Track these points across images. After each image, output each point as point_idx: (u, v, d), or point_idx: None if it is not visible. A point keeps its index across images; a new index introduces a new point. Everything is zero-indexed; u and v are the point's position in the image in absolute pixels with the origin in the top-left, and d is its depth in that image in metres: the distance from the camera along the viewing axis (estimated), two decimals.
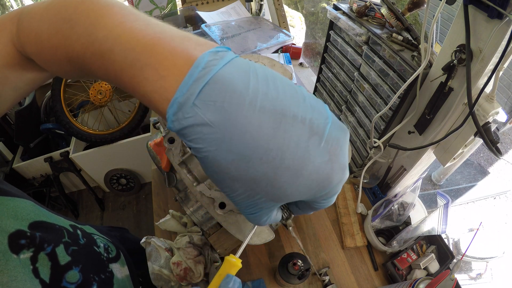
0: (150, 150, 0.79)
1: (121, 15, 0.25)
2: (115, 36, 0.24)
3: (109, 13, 0.25)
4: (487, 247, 2.19)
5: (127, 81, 0.24)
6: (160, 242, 0.88)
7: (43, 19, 0.27)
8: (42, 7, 0.28)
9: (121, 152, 2.05)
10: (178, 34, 0.25)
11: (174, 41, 0.23)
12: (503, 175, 2.89)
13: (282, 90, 0.22)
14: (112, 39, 0.24)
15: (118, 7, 0.26)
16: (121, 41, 0.23)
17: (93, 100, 1.92)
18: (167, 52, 0.23)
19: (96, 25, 0.24)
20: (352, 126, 1.04)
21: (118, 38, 0.23)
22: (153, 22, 0.25)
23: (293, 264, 0.73)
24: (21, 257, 0.42)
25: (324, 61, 1.13)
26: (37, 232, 0.46)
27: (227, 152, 0.21)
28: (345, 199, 1.00)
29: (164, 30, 0.24)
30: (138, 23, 0.24)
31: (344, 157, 0.25)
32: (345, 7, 0.91)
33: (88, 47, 0.25)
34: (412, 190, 0.88)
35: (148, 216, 2.29)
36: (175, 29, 0.26)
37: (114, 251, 0.63)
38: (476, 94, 0.54)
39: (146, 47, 0.23)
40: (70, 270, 0.48)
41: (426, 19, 0.62)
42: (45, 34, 0.27)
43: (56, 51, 0.27)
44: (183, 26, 1.77)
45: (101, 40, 0.24)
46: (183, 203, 0.74)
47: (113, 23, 0.24)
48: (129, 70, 0.23)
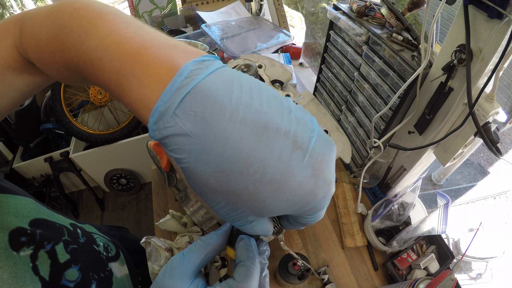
0: (150, 150, 0.79)
1: (113, 24, 0.25)
2: (105, 46, 0.24)
3: (102, 21, 0.25)
4: (487, 247, 2.19)
5: (115, 89, 0.24)
6: (160, 242, 0.88)
7: (43, 25, 0.28)
8: (43, 12, 0.28)
9: (121, 152, 2.05)
10: (166, 42, 0.24)
11: (160, 49, 0.23)
12: (503, 175, 2.89)
13: (266, 101, 0.22)
14: (102, 48, 0.24)
15: (111, 15, 0.26)
16: (110, 50, 0.23)
17: (93, 100, 1.92)
18: (151, 60, 0.22)
19: (88, 34, 0.25)
20: (352, 126, 1.04)
21: (107, 48, 0.24)
22: (144, 29, 0.25)
23: (293, 264, 0.73)
24: (21, 254, 0.42)
25: (324, 61, 1.13)
26: (38, 229, 0.46)
27: (207, 164, 0.21)
28: (345, 199, 1.00)
29: (152, 38, 0.24)
30: (129, 31, 0.24)
31: (330, 172, 0.24)
32: (345, 7, 0.91)
33: (81, 55, 0.25)
34: (412, 190, 0.88)
35: (148, 216, 2.29)
36: (165, 37, 0.25)
37: (113, 250, 0.63)
38: (476, 94, 0.54)
39: (133, 56, 0.23)
40: (70, 268, 0.48)
41: (426, 19, 0.62)
42: (44, 40, 0.27)
43: (54, 57, 0.27)
44: (183, 26, 1.77)
45: (92, 49, 0.24)
46: (183, 203, 0.74)
47: (104, 33, 0.24)
48: (116, 78, 0.23)
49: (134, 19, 0.27)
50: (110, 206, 2.40)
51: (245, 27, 1.55)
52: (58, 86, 1.84)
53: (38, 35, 0.28)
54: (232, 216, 0.25)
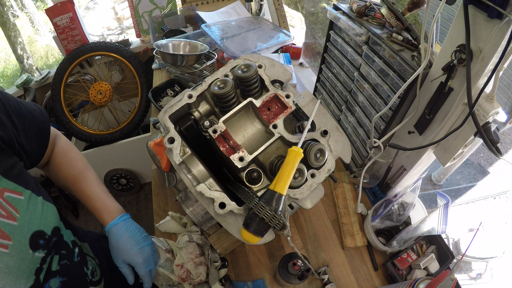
0: (150, 150, 0.79)
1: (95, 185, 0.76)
2: (90, 193, 0.74)
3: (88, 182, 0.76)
4: (487, 247, 2.19)
5: (89, 206, 0.74)
6: (160, 242, 0.88)
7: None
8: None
9: (121, 152, 2.05)
10: (115, 202, 0.76)
11: (114, 202, 0.76)
12: (503, 175, 2.89)
13: (137, 239, 0.72)
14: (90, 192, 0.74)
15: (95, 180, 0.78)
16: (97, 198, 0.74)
17: (93, 100, 1.92)
18: (110, 205, 0.74)
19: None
20: (352, 126, 1.04)
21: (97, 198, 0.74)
22: (104, 190, 0.77)
23: (293, 264, 0.73)
24: (36, 254, 0.50)
25: (324, 61, 1.13)
26: (54, 237, 0.55)
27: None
28: (345, 199, 1.00)
29: (109, 196, 0.76)
30: (101, 188, 0.77)
31: (149, 255, 0.73)
32: (345, 7, 0.91)
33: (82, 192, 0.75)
34: (412, 190, 0.88)
35: (148, 216, 2.29)
36: (114, 199, 0.77)
37: (98, 276, 0.69)
38: (476, 94, 0.54)
39: (104, 204, 0.74)
40: (54, 278, 0.55)
41: (426, 19, 0.62)
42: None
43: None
44: (183, 26, 1.77)
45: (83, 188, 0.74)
46: (183, 203, 0.74)
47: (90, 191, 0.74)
48: (93, 204, 0.73)
49: (100, 182, 0.78)
50: None
51: (245, 27, 1.54)
52: (58, 86, 1.84)
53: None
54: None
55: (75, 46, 1.90)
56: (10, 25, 3.94)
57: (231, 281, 0.84)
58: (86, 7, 6.81)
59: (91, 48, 1.84)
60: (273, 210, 0.49)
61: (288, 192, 0.55)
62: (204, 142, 0.64)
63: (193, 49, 1.41)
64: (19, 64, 4.44)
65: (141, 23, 2.02)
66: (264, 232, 0.51)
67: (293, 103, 0.62)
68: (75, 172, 0.75)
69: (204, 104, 0.67)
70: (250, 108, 0.63)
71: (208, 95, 0.66)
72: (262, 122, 0.63)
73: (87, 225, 2.29)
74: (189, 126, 0.64)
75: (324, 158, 0.57)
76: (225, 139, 0.59)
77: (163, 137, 0.59)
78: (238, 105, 0.61)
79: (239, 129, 0.62)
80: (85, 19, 2.33)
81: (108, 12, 6.38)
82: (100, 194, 0.74)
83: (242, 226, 0.51)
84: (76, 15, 1.85)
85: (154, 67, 1.70)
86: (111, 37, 5.28)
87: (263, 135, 0.62)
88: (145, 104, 1.96)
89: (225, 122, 0.60)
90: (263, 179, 0.60)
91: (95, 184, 0.75)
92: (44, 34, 6.00)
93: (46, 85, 2.10)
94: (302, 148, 0.55)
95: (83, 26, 1.90)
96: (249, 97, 0.62)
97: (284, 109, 0.62)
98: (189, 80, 1.40)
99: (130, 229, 0.71)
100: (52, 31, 2.36)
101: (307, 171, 0.56)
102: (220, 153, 0.59)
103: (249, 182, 0.59)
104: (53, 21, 1.82)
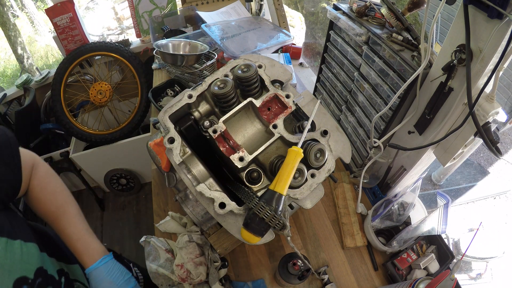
0: (150, 150, 0.79)
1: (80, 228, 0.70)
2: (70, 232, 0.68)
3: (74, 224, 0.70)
4: (487, 247, 2.19)
5: (70, 245, 0.68)
6: (160, 242, 0.88)
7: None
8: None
9: (121, 152, 2.05)
10: (97, 242, 0.70)
11: (95, 242, 0.70)
12: (503, 175, 2.89)
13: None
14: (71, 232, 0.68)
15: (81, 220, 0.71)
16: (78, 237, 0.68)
17: (93, 100, 1.92)
18: (91, 246, 0.68)
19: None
20: (352, 126, 1.04)
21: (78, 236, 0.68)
22: (87, 229, 0.71)
23: (293, 264, 0.73)
24: None
25: (324, 61, 1.13)
26: (39, 278, 0.54)
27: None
28: (345, 199, 1.00)
29: (91, 235, 0.70)
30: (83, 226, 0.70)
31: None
32: (345, 7, 0.91)
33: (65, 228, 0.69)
34: (412, 190, 0.88)
35: (148, 216, 2.29)
36: (95, 238, 0.71)
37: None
38: (476, 94, 0.54)
39: (84, 245, 0.68)
40: None
41: (426, 19, 0.62)
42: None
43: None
44: (183, 26, 1.77)
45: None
46: (183, 203, 0.74)
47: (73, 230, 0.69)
48: (75, 245, 0.67)
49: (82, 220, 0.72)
50: (110, 206, 2.40)
51: (245, 27, 1.54)
52: (58, 86, 1.84)
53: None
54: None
55: (75, 46, 1.90)
56: (10, 25, 3.94)
57: (231, 281, 0.84)
58: (86, 7, 6.81)
59: (91, 48, 1.84)
60: (273, 210, 0.49)
61: (288, 192, 0.55)
62: (204, 142, 0.64)
63: (193, 49, 1.41)
64: (19, 64, 4.44)
65: (141, 23, 2.02)
66: (264, 232, 0.51)
67: (293, 103, 0.62)
68: (54, 208, 0.69)
69: (204, 104, 0.67)
70: (250, 108, 0.63)
71: (208, 95, 0.66)
72: (262, 122, 0.63)
73: None
74: (189, 126, 0.64)
75: (324, 158, 0.57)
76: (225, 139, 0.59)
77: (163, 137, 0.59)
78: (238, 105, 0.61)
79: (239, 129, 0.62)
80: (85, 19, 2.33)
81: (108, 12, 6.38)
82: (80, 233, 0.68)
83: (242, 226, 0.51)
84: (76, 15, 1.85)
85: (154, 67, 1.70)
86: (111, 37, 5.29)
87: (263, 135, 0.62)
88: (145, 104, 1.96)
89: (225, 122, 0.60)
90: (263, 179, 0.60)
91: (76, 221, 0.70)
92: (44, 34, 6.00)
93: (46, 85, 2.10)
94: (302, 148, 0.55)
95: (83, 26, 1.90)
96: (249, 97, 0.62)
97: (284, 109, 0.62)
98: (189, 80, 1.40)
99: (112, 273, 0.67)
100: (52, 31, 2.36)
101: (307, 171, 0.56)
102: (220, 153, 0.59)
103: (249, 182, 0.59)
104: (53, 21, 1.82)
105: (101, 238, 2.20)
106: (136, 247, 2.12)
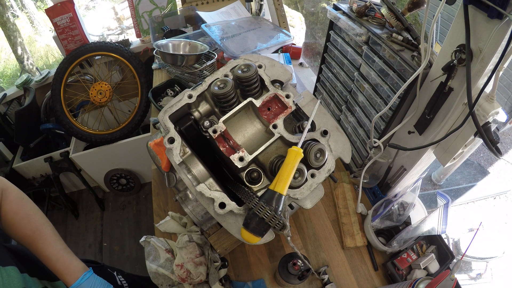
0: (150, 150, 0.79)
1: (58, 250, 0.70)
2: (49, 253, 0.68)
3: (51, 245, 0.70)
4: (487, 247, 2.19)
5: (50, 266, 0.67)
6: (160, 242, 0.88)
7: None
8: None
9: (121, 152, 2.05)
10: (76, 259, 0.71)
11: (75, 260, 0.71)
12: (503, 175, 2.89)
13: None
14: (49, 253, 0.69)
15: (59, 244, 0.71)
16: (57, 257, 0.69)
17: (93, 100, 1.92)
18: (71, 265, 0.69)
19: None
20: (352, 126, 1.04)
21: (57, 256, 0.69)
22: (64, 249, 0.71)
23: (293, 264, 0.73)
24: None
25: (324, 61, 1.13)
26: None
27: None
28: (345, 199, 1.00)
29: (69, 253, 0.71)
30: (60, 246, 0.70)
31: None
32: (345, 7, 0.91)
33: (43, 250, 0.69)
34: (412, 190, 0.88)
35: (148, 216, 2.29)
36: (74, 256, 0.72)
37: None
38: (476, 94, 0.54)
39: (63, 264, 0.68)
40: None
41: (426, 19, 0.62)
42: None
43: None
44: (183, 26, 1.77)
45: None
46: (183, 203, 0.74)
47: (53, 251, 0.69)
48: (54, 265, 0.67)
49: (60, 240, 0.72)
50: (110, 206, 2.40)
51: (245, 27, 1.54)
52: (58, 86, 1.84)
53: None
54: None
55: (75, 46, 1.90)
56: (10, 25, 3.94)
57: (231, 281, 0.84)
58: (86, 7, 6.81)
59: (91, 48, 1.84)
60: (273, 210, 0.49)
61: (288, 192, 0.55)
62: (204, 142, 0.64)
63: (193, 49, 1.41)
64: (19, 64, 4.45)
65: (141, 23, 2.02)
66: (264, 232, 0.51)
67: (293, 103, 0.62)
68: (29, 231, 0.69)
69: (204, 104, 0.67)
70: (250, 108, 0.63)
71: (208, 95, 0.66)
72: (262, 122, 0.63)
73: (87, 225, 2.29)
74: (189, 126, 0.64)
75: (324, 158, 0.57)
76: (225, 139, 0.59)
77: (163, 137, 0.59)
78: (238, 105, 0.61)
79: (239, 129, 0.62)
80: (85, 19, 2.33)
81: (108, 12, 6.38)
82: (59, 254, 0.69)
83: (242, 226, 0.51)
84: (76, 15, 1.85)
85: (154, 67, 1.70)
86: (111, 37, 5.29)
87: (263, 135, 0.62)
88: (145, 104, 1.96)
89: (225, 122, 0.60)
90: (263, 179, 0.60)
91: (52, 242, 0.70)
92: (44, 34, 6.00)
93: (46, 85, 2.10)
94: (302, 148, 0.55)
95: (83, 26, 1.90)
96: (249, 97, 0.62)
97: (284, 109, 0.62)
98: (189, 80, 1.40)
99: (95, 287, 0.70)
100: (52, 31, 2.36)
101: (307, 171, 0.56)
102: (220, 153, 0.59)
103: (249, 182, 0.59)
104: (53, 21, 1.82)
105: (101, 238, 2.20)
106: (136, 247, 2.12)
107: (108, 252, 2.13)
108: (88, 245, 2.18)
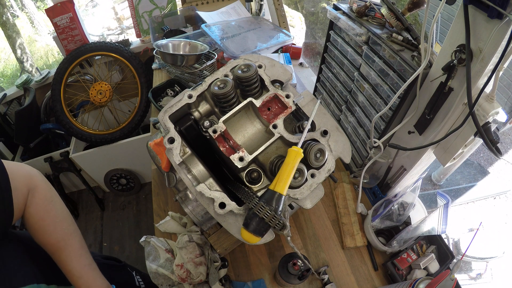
0: (150, 150, 0.79)
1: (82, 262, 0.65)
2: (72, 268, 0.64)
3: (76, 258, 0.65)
4: (487, 247, 2.19)
5: (72, 280, 0.64)
6: (160, 242, 0.88)
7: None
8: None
9: (121, 152, 2.05)
10: (100, 277, 0.67)
11: (98, 278, 0.66)
12: (503, 175, 2.89)
13: None
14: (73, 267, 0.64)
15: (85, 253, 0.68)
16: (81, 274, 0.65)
17: (93, 100, 1.92)
18: (94, 284, 0.64)
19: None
20: (352, 126, 1.04)
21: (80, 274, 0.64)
22: (90, 264, 0.67)
23: (293, 264, 0.73)
24: None
25: (324, 61, 1.13)
26: None
27: None
28: (345, 199, 1.00)
29: (93, 270, 0.67)
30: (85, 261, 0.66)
31: None
32: (345, 7, 0.91)
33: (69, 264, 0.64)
34: (412, 190, 0.88)
35: (148, 216, 2.29)
36: (98, 273, 0.67)
37: None
38: (476, 94, 0.54)
39: (87, 279, 0.64)
40: None
41: (426, 19, 0.62)
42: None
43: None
44: (183, 26, 1.77)
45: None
46: (183, 203, 0.74)
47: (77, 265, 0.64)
48: (76, 281, 0.64)
49: (87, 252, 0.68)
50: (110, 206, 2.40)
51: (245, 27, 1.54)
52: (58, 86, 1.84)
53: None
54: None
55: (75, 46, 1.90)
56: (10, 25, 3.94)
57: (231, 281, 0.84)
58: (86, 7, 6.81)
59: (91, 48, 1.84)
60: (273, 210, 0.49)
61: (288, 192, 0.55)
62: (204, 142, 0.64)
63: (193, 49, 1.41)
64: (19, 64, 4.45)
65: (141, 23, 2.02)
66: (264, 232, 0.51)
67: (293, 103, 0.62)
68: (53, 240, 0.62)
69: (204, 104, 0.67)
70: (250, 108, 0.63)
71: (208, 95, 0.66)
72: (262, 122, 0.63)
73: (87, 225, 2.29)
74: (189, 126, 0.64)
75: (324, 158, 0.57)
76: (225, 139, 0.59)
77: (163, 137, 0.59)
78: (238, 105, 0.61)
79: (239, 129, 0.62)
80: (85, 19, 2.33)
81: (108, 12, 6.38)
82: (83, 271, 0.64)
83: (242, 226, 0.51)
84: (76, 15, 1.85)
85: (154, 67, 1.70)
86: (111, 37, 5.29)
87: (263, 135, 0.62)
88: (145, 104, 1.96)
89: (225, 122, 0.60)
90: (263, 179, 0.60)
91: (78, 256, 0.64)
92: (44, 34, 6.00)
93: (46, 85, 2.10)
94: (302, 148, 0.55)
95: (83, 26, 1.90)
96: (249, 97, 0.62)
97: (284, 109, 0.62)
98: (189, 80, 1.40)
99: None
100: (52, 31, 2.36)
101: (307, 171, 0.56)
102: (220, 153, 0.59)
103: (249, 182, 0.59)
104: (53, 21, 1.82)
105: (101, 238, 2.21)
106: (136, 247, 2.12)
107: (108, 252, 2.13)
108: (88, 245, 2.17)
